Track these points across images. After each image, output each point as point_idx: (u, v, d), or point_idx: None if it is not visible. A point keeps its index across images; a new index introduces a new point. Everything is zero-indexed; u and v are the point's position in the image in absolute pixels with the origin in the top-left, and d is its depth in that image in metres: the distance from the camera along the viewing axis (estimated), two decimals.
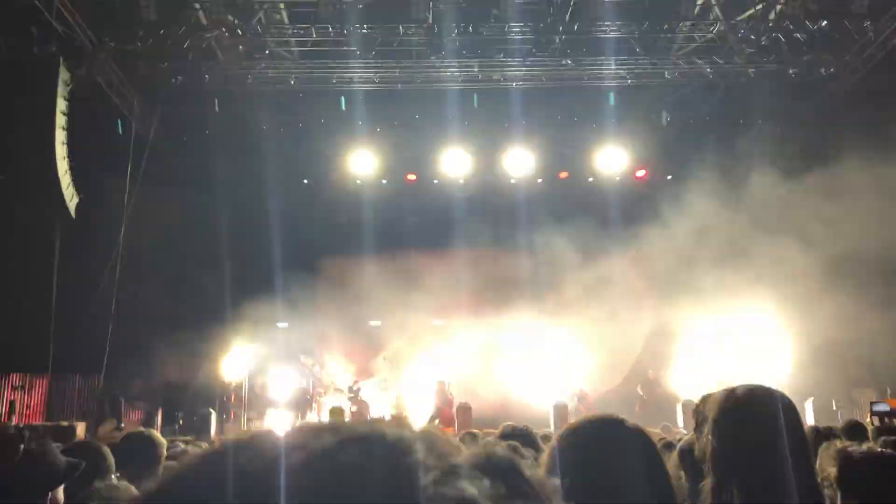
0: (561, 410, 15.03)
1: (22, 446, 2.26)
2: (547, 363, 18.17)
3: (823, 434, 4.56)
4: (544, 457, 1.72)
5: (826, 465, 3.01)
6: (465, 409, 15.39)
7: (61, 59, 13.60)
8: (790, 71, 15.69)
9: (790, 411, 1.94)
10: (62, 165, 13.51)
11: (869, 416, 11.14)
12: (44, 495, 2.18)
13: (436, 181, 20.23)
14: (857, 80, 16.07)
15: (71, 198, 13.98)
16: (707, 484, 1.89)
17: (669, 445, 4.51)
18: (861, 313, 13.84)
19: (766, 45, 14.46)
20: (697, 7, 13.99)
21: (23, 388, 14.73)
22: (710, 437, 1.91)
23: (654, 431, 10.92)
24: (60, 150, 13.34)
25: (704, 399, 2.06)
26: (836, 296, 13.90)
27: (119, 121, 16.99)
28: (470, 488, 0.68)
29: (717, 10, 14.29)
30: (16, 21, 13.25)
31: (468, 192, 20.40)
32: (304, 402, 17.25)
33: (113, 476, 3.33)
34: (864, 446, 3.38)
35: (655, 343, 18.69)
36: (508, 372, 19.05)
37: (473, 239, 20.50)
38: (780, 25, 13.98)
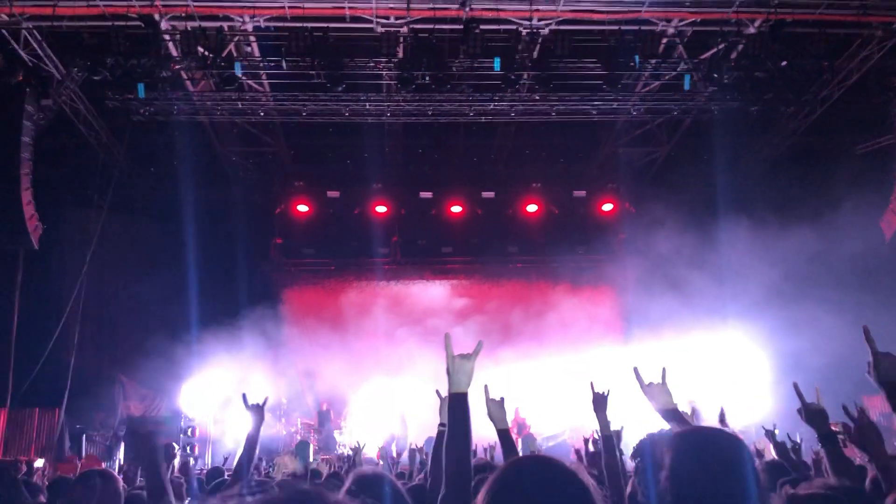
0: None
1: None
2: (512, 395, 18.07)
3: (779, 468, 4.63)
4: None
5: None
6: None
7: (28, 89, 13.47)
8: (752, 109, 16.08)
9: (739, 454, 1.98)
10: (26, 196, 13.31)
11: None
12: None
13: (403, 211, 20.36)
14: (816, 118, 16.59)
15: (34, 228, 13.75)
16: None
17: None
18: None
19: (728, 83, 14.81)
20: (662, 46, 14.30)
21: None
22: (667, 483, 1.93)
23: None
24: (24, 181, 13.16)
25: (644, 443, 2.10)
26: (804, 325, 14.11)
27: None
28: None
29: (681, 49, 14.63)
30: None
31: (426, 222, 20.56)
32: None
33: None
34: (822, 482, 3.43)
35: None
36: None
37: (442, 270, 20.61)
38: (742, 65, 14.35)
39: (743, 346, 16.64)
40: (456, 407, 2.69)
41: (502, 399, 3.96)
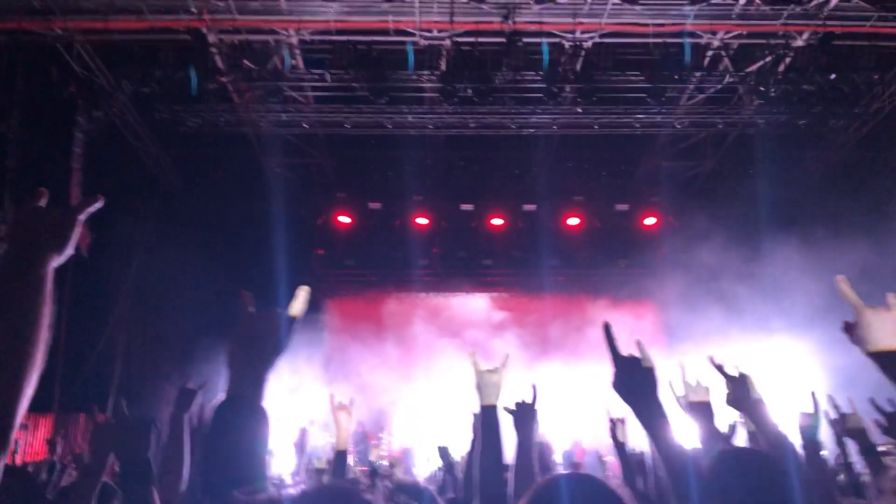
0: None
1: None
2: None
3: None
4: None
5: None
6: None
7: (79, 101, 13.82)
8: (800, 122, 15.78)
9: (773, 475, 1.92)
10: None
11: None
12: None
13: (444, 223, 20.37)
14: (868, 132, 16.20)
15: (84, 237, 14.08)
16: None
17: None
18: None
19: (775, 96, 14.56)
20: (707, 58, 14.13)
21: (26, 427, 14.65)
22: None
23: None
24: (75, 191, 13.49)
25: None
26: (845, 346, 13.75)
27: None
28: None
29: (726, 61, 14.42)
30: (35, 62, 13.52)
31: (466, 234, 20.53)
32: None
33: None
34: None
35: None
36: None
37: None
38: (789, 77, 14.09)
39: (792, 361, 16.25)
40: (486, 419, 2.71)
41: (533, 402, 3.87)
